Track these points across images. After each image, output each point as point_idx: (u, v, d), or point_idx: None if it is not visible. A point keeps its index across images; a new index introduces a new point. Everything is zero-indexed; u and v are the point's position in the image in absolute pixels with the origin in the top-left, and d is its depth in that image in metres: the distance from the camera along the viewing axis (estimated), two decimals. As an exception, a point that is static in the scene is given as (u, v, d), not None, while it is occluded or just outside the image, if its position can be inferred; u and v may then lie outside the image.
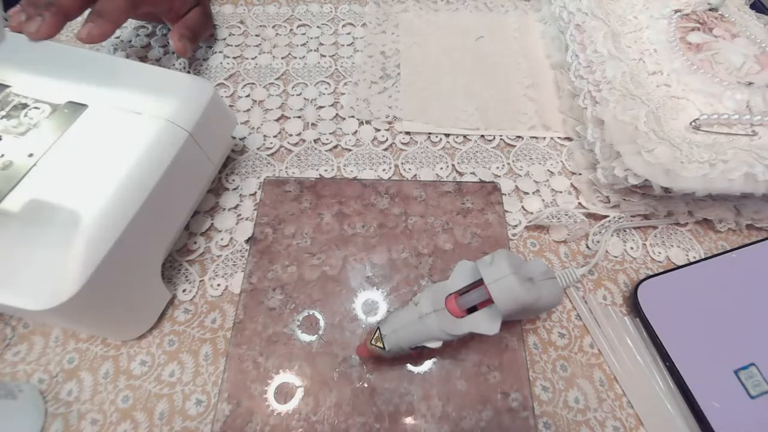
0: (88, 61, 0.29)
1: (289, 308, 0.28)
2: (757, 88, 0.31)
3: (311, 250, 0.30)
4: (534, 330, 0.29)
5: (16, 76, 0.27)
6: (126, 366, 0.27)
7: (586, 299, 0.30)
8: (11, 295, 0.20)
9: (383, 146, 0.36)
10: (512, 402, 0.25)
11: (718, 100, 0.31)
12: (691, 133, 0.30)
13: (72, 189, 0.23)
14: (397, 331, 0.24)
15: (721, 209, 0.32)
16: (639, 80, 0.32)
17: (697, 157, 0.28)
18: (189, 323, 0.28)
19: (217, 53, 0.42)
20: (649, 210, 0.32)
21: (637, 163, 0.29)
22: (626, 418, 0.26)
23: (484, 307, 0.24)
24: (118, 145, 0.25)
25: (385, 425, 0.25)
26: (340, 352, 0.26)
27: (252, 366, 0.26)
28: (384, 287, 0.29)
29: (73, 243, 0.21)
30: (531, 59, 0.42)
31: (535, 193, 0.34)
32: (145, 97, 0.27)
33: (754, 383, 0.26)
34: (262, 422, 0.24)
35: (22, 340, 0.27)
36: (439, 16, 0.45)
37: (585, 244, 0.32)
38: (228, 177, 0.34)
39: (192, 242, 0.31)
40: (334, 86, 0.40)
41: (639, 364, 0.27)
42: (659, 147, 0.29)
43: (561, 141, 0.37)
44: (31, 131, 0.25)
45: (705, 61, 0.32)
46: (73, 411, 0.25)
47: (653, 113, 0.30)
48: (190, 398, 0.26)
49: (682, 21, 0.34)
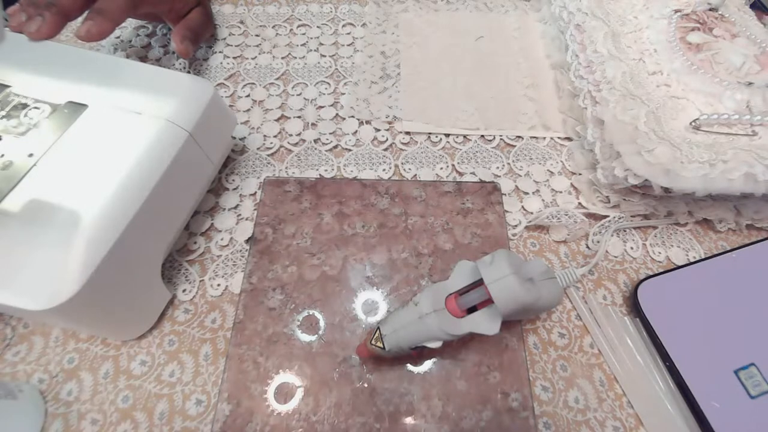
0: (88, 61, 0.29)
1: (289, 308, 0.28)
2: (757, 88, 0.31)
3: (311, 250, 0.30)
4: (534, 330, 0.29)
5: (16, 76, 0.27)
6: (126, 366, 0.27)
7: (586, 299, 0.30)
8: (11, 295, 0.20)
9: (383, 146, 0.36)
10: (512, 402, 0.25)
11: (718, 100, 0.31)
12: (691, 133, 0.30)
13: (72, 189, 0.23)
14: (397, 331, 0.24)
15: (721, 209, 0.32)
16: (639, 80, 0.32)
17: (697, 157, 0.28)
18: (189, 323, 0.28)
19: (217, 53, 0.42)
20: (649, 210, 0.32)
21: (637, 163, 0.29)
22: (626, 418, 0.26)
23: (484, 307, 0.24)
24: (118, 145, 0.25)
25: (385, 425, 0.25)
26: (340, 352, 0.26)
27: (252, 366, 0.26)
28: (384, 287, 0.29)
29: (73, 243, 0.21)
30: (531, 59, 0.42)
31: (535, 193, 0.34)
32: (145, 97, 0.27)
33: (754, 383, 0.26)
34: (262, 422, 0.24)
35: (22, 340, 0.27)
36: (439, 16, 0.45)
37: (585, 244, 0.32)
38: (228, 177, 0.34)
39: (192, 242, 0.31)
40: (334, 86, 0.40)
41: (639, 364, 0.27)
42: (659, 147, 0.29)
43: (561, 141, 0.37)
44: (31, 131, 0.25)
45: (705, 61, 0.32)
46: (73, 411, 0.25)
47: (653, 113, 0.30)
48: (190, 398, 0.26)
49: (682, 21, 0.34)
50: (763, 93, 0.31)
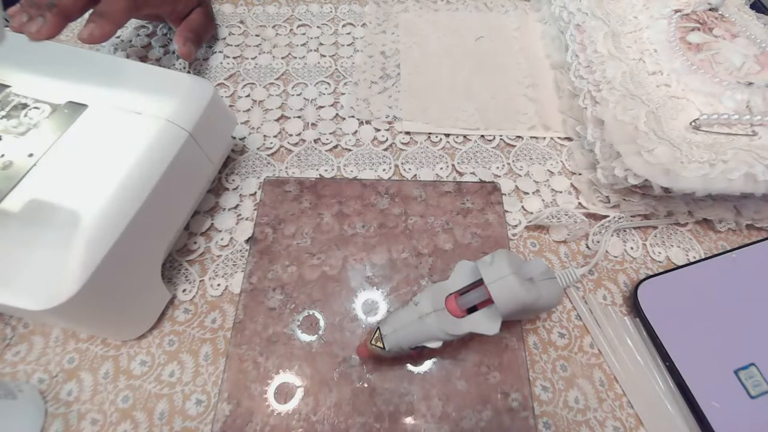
0: (88, 61, 0.29)
1: (289, 308, 0.28)
2: (757, 88, 0.31)
3: (311, 250, 0.30)
4: (534, 330, 0.29)
5: (16, 76, 0.27)
6: (126, 366, 0.27)
7: (586, 299, 0.30)
8: (11, 295, 0.20)
9: (383, 146, 0.36)
10: (512, 402, 0.25)
11: (718, 100, 0.31)
12: (691, 133, 0.30)
13: (72, 189, 0.23)
14: (397, 331, 0.24)
15: (721, 209, 0.32)
16: (639, 80, 0.32)
17: (697, 157, 0.28)
18: (189, 323, 0.28)
19: (217, 53, 0.42)
20: (649, 210, 0.32)
21: (637, 163, 0.29)
22: (626, 418, 0.26)
23: (484, 307, 0.24)
24: (118, 145, 0.25)
25: (385, 425, 0.25)
26: (340, 352, 0.26)
27: (252, 366, 0.26)
28: (384, 287, 0.29)
29: (73, 243, 0.21)
30: (531, 59, 0.42)
31: (535, 193, 0.34)
32: (145, 97, 0.27)
33: (754, 383, 0.26)
34: (262, 422, 0.24)
35: (22, 340, 0.27)
36: (439, 16, 0.45)
37: (585, 244, 0.32)
38: (228, 177, 0.34)
39: (192, 242, 0.31)
40: (334, 86, 0.40)
41: (639, 364, 0.27)
42: (659, 147, 0.29)
43: (561, 141, 0.37)
44: (31, 131, 0.25)
45: (705, 61, 0.32)
46: (73, 411, 0.25)
47: (653, 113, 0.30)
48: (190, 398, 0.26)
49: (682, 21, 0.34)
50: (763, 93, 0.31)
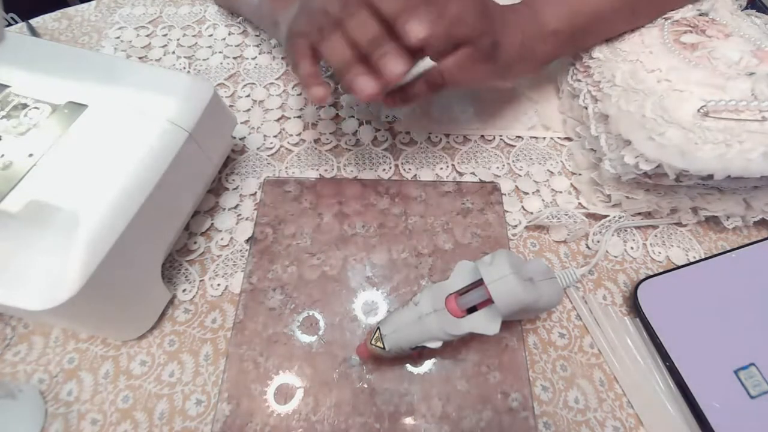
0: (88, 61, 0.29)
1: (289, 308, 0.28)
2: (759, 76, 0.29)
3: (311, 250, 0.30)
4: (534, 330, 0.29)
5: (16, 76, 0.27)
6: (126, 366, 0.27)
7: (586, 299, 0.30)
8: (11, 295, 0.20)
9: (383, 146, 0.36)
10: (512, 402, 0.25)
11: (722, 90, 0.29)
12: (700, 119, 0.28)
13: (72, 189, 0.23)
14: (397, 331, 0.24)
15: (731, 202, 0.31)
16: (639, 77, 0.32)
17: (712, 138, 0.27)
18: (189, 323, 0.28)
19: (217, 53, 0.42)
20: (652, 207, 0.32)
21: (650, 147, 0.28)
22: (626, 418, 0.26)
23: (484, 307, 0.24)
24: (118, 145, 0.25)
25: (385, 425, 0.25)
26: (340, 353, 0.26)
27: (252, 366, 0.26)
28: (384, 287, 0.29)
29: (73, 243, 0.21)
30: (531, 59, 0.42)
31: (535, 193, 0.34)
32: (145, 97, 0.27)
33: (754, 383, 0.26)
34: (262, 422, 0.24)
35: (22, 340, 0.27)
36: (439, 16, 0.45)
37: (585, 244, 0.32)
38: (228, 177, 0.34)
39: (192, 242, 0.31)
40: (334, 86, 0.40)
41: (639, 364, 0.27)
42: (669, 130, 0.28)
43: (561, 141, 0.37)
44: (31, 131, 0.25)
45: (703, 57, 0.32)
46: (73, 411, 0.25)
47: (658, 102, 0.29)
48: (190, 398, 0.26)
49: (673, 26, 0.34)
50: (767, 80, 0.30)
